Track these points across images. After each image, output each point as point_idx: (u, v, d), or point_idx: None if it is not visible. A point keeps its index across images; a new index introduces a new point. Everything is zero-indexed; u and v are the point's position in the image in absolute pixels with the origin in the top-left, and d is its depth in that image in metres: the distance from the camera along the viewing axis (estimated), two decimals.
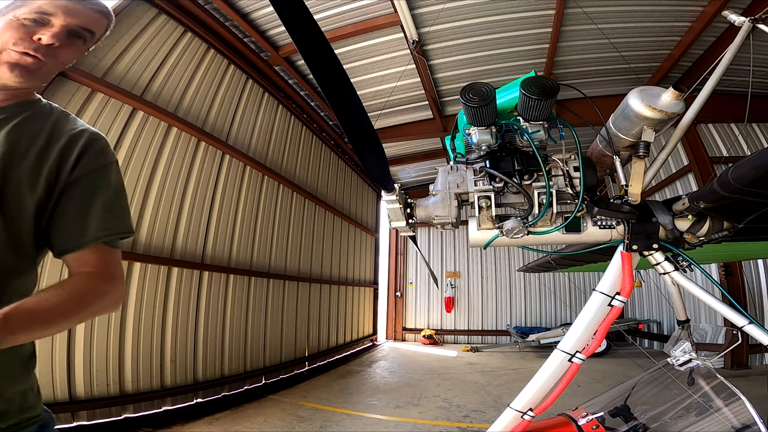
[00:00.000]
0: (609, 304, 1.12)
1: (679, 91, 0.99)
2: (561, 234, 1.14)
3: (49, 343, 3.30)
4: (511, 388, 5.95)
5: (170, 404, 4.19)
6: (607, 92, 7.13)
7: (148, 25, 4.33)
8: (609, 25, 5.59)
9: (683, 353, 1.30)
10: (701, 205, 0.98)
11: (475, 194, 1.14)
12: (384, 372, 7.38)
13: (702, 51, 6.11)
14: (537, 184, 1.12)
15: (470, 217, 1.21)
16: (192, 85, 4.85)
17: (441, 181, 1.19)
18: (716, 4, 5.00)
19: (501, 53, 6.30)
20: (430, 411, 4.77)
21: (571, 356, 1.12)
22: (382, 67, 6.42)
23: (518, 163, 1.13)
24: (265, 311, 5.98)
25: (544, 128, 1.15)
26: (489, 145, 1.17)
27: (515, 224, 1.12)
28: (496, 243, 1.18)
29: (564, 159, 1.15)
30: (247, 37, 5.59)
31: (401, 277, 12.35)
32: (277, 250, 6.42)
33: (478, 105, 1.07)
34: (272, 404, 4.88)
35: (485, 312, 11.49)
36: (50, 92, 3.41)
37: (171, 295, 4.43)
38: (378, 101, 6.90)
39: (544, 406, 1.16)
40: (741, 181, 0.82)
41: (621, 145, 1.15)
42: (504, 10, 5.43)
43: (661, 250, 1.12)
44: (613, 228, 1.13)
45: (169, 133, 4.50)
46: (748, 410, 1.14)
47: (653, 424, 1.30)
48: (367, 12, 5.37)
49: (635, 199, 1.12)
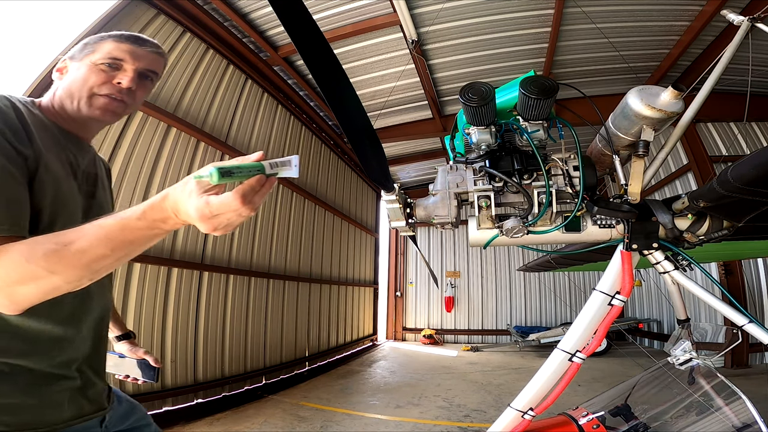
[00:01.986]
0: (609, 304, 1.12)
1: (679, 91, 0.99)
2: (561, 233, 1.14)
3: None
4: (512, 387, 5.95)
5: (171, 404, 4.19)
6: (606, 91, 7.14)
7: (147, 26, 4.32)
8: (608, 24, 5.59)
9: (683, 352, 1.30)
10: (701, 204, 0.98)
11: (474, 194, 1.14)
12: (384, 372, 7.38)
13: (701, 50, 6.12)
14: (537, 183, 1.12)
15: (470, 216, 1.21)
16: (191, 85, 4.85)
17: (440, 180, 1.19)
18: (715, 4, 5.00)
19: (500, 53, 6.30)
20: (430, 411, 4.77)
21: (572, 356, 1.12)
22: (381, 66, 6.42)
23: (518, 162, 1.13)
24: (265, 311, 5.98)
25: (544, 128, 1.14)
26: (488, 144, 1.17)
27: (515, 224, 1.12)
28: (496, 242, 1.18)
29: (563, 158, 1.15)
30: (246, 38, 5.58)
31: (401, 277, 12.35)
32: (277, 250, 6.42)
33: (478, 104, 1.07)
34: (273, 404, 4.88)
35: (485, 311, 11.50)
36: None
37: (171, 296, 4.43)
38: (377, 101, 6.90)
39: (544, 406, 1.16)
40: (740, 180, 0.82)
41: (620, 145, 1.15)
42: (503, 9, 5.43)
43: (661, 249, 1.12)
44: (612, 227, 1.13)
45: (169, 134, 4.50)
46: (748, 409, 1.14)
47: (654, 423, 1.30)
48: (366, 12, 5.37)
49: (635, 198, 1.12)
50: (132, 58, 0.99)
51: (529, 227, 1.14)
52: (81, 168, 0.99)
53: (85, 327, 0.97)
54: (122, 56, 0.98)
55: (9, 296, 0.70)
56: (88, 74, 0.96)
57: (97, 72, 0.97)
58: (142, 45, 1.02)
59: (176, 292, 4.48)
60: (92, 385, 1.00)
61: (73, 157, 0.97)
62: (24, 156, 0.79)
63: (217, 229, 0.67)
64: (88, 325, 0.99)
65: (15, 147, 0.78)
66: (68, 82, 0.98)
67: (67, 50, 1.04)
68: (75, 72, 0.98)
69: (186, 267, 4.57)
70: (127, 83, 0.98)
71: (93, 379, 1.00)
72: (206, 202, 0.63)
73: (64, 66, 1.02)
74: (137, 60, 1.00)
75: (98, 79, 0.96)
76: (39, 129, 0.88)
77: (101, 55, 0.97)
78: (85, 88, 0.96)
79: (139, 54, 1.01)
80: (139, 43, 1.02)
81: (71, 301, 0.91)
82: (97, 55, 0.97)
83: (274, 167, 0.67)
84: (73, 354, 0.94)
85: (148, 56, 1.03)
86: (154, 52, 1.04)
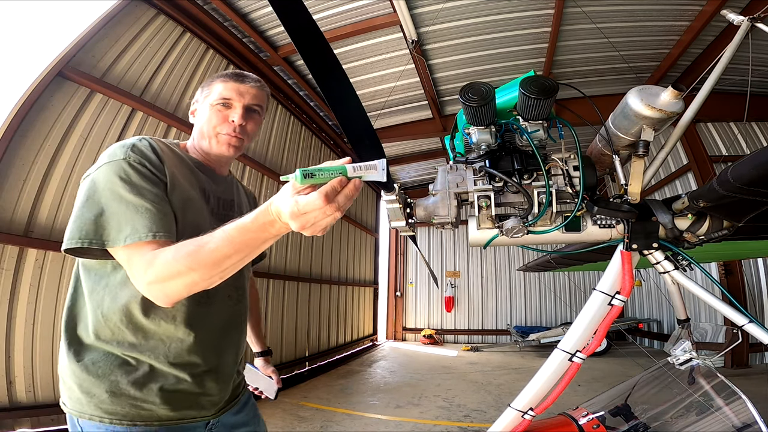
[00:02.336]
0: (609, 304, 1.12)
1: (678, 90, 0.99)
2: (561, 233, 1.14)
3: (49, 344, 3.30)
4: (512, 387, 5.95)
5: None
6: (606, 91, 7.14)
7: (146, 26, 4.32)
8: (608, 24, 5.59)
9: (683, 352, 1.30)
10: (701, 204, 0.98)
11: (474, 194, 1.14)
12: (384, 372, 7.37)
13: (701, 50, 6.11)
14: (537, 183, 1.11)
15: (470, 216, 1.21)
16: (191, 85, 4.84)
17: (440, 180, 1.19)
18: (715, 4, 5.00)
19: (500, 53, 6.30)
20: (430, 411, 4.77)
21: (572, 355, 1.12)
22: (381, 66, 6.42)
23: (518, 162, 1.13)
24: (265, 311, 5.98)
25: (544, 128, 1.14)
26: (488, 144, 1.17)
27: (515, 224, 1.11)
28: (496, 242, 1.17)
29: (563, 158, 1.15)
30: (246, 38, 5.58)
31: (401, 277, 12.35)
32: (277, 250, 6.42)
33: (478, 104, 1.06)
34: (273, 404, 4.87)
35: (485, 311, 11.49)
36: (50, 93, 3.41)
37: None
38: (377, 101, 6.90)
39: (544, 406, 1.16)
40: (740, 179, 0.82)
41: (620, 144, 1.15)
42: (503, 9, 5.43)
43: (661, 249, 1.12)
44: (612, 227, 1.13)
45: (169, 134, 4.51)
46: (748, 409, 1.14)
47: (654, 423, 1.30)
48: (366, 12, 5.37)
49: (635, 198, 1.12)
50: (238, 96, 1.15)
51: (529, 227, 1.13)
52: (214, 194, 1.18)
53: (205, 334, 1.07)
54: (230, 95, 1.14)
55: (163, 290, 0.87)
56: (210, 115, 1.15)
57: (215, 112, 1.15)
58: (244, 82, 1.17)
59: None
60: (204, 389, 1.07)
61: (208, 185, 1.16)
62: (164, 183, 1.00)
63: (305, 227, 0.74)
64: (208, 332, 1.09)
65: (157, 176, 0.99)
66: (199, 123, 1.18)
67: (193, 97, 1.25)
68: (201, 114, 1.18)
69: None
70: (238, 120, 1.14)
71: (206, 383, 1.08)
72: (295, 201, 0.72)
73: (194, 109, 1.22)
74: (242, 97, 1.15)
75: (218, 120, 1.14)
76: (176, 162, 1.08)
77: (215, 96, 1.15)
78: (211, 127, 1.15)
79: (242, 91, 1.16)
80: (241, 80, 1.17)
81: (193, 309, 1.05)
82: (212, 97, 1.15)
83: (357, 170, 0.73)
84: (189, 358, 1.04)
85: (250, 91, 1.17)
86: (255, 87, 1.18)
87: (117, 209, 0.91)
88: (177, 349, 1.02)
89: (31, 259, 3.23)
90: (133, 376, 0.98)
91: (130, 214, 0.90)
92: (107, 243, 0.90)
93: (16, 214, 3.18)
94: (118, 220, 0.90)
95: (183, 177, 1.07)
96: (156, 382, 1.00)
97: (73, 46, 3.59)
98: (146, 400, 0.98)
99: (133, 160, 0.96)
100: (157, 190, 0.96)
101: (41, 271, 3.29)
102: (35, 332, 3.22)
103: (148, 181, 0.96)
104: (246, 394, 1.33)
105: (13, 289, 3.13)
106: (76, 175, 3.58)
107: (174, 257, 0.84)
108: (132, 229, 0.89)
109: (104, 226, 0.90)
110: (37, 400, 3.14)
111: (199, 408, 1.07)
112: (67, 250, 0.92)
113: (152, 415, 0.99)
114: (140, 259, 0.88)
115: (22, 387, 3.09)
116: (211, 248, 0.81)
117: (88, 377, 0.98)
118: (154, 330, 1.00)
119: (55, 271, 3.38)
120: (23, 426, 3.03)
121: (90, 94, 3.73)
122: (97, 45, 3.81)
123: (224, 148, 1.16)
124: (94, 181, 0.95)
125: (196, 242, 0.84)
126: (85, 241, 0.89)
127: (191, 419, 1.06)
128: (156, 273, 0.86)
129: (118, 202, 0.91)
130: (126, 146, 0.99)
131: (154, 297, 0.89)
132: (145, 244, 0.89)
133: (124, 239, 0.89)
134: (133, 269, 0.90)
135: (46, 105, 3.40)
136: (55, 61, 3.45)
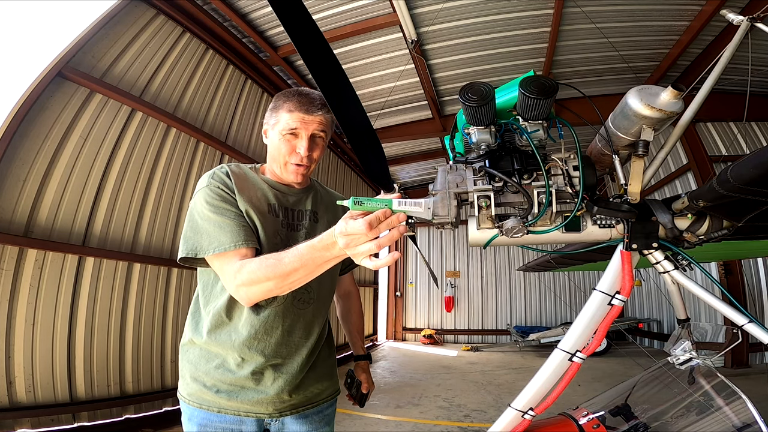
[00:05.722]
0: (609, 303, 1.12)
1: (678, 90, 0.99)
2: (561, 233, 1.13)
3: (49, 344, 3.30)
4: (512, 387, 5.95)
5: (171, 405, 4.19)
6: (605, 91, 7.14)
7: (146, 26, 4.32)
8: (608, 24, 5.59)
9: (683, 352, 1.30)
10: (700, 203, 0.98)
11: (474, 194, 1.13)
12: (384, 372, 7.37)
13: (700, 50, 6.11)
14: (536, 183, 1.11)
15: (470, 216, 1.21)
16: (191, 85, 4.84)
17: (440, 180, 1.18)
18: (714, 3, 5.00)
19: (500, 53, 6.30)
20: (430, 411, 4.77)
21: (572, 355, 1.12)
22: (381, 66, 6.42)
23: (517, 162, 1.13)
24: None
25: (544, 127, 1.14)
26: (488, 144, 1.17)
27: (515, 224, 1.11)
28: (496, 242, 1.17)
29: (563, 158, 1.15)
30: (246, 38, 5.58)
31: (401, 277, 12.35)
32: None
33: (477, 104, 1.06)
34: None
35: (485, 311, 11.50)
36: (49, 93, 3.41)
37: (171, 295, 4.43)
38: (377, 101, 6.90)
39: (544, 406, 1.16)
40: (740, 179, 0.82)
41: (620, 144, 1.15)
42: (503, 9, 5.43)
43: (661, 249, 1.12)
44: (612, 227, 1.13)
45: (168, 134, 4.50)
46: (748, 409, 1.14)
47: (654, 423, 1.30)
48: (366, 12, 5.37)
49: (634, 198, 1.12)
50: (303, 126, 1.21)
51: (529, 227, 1.13)
52: (284, 206, 1.29)
53: (266, 334, 1.20)
54: (296, 124, 1.20)
55: (246, 293, 1.05)
56: (279, 144, 1.23)
57: (284, 142, 1.23)
58: (309, 112, 1.21)
59: (176, 292, 4.48)
60: (260, 385, 1.19)
61: (278, 199, 1.28)
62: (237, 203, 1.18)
63: (348, 246, 0.84)
64: (269, 333, 1.21)
65: (233, 197, 1.18)
66: (270, 149, 1.28)
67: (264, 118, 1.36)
68: (272, 139, 1.27)
69: (187, 267, 4.57)
70: (304, 152, 1.22)
71: (264, 381, 1.20)
72: (346, 222, 0.83)
73: (266, 130, 1.31)
74: (307, 126, 1.21)
75: (286, 150, 1.23)
76: (245, 185, 1.23)
77: (283, 125, 1.22)
78: (280, 156, 1.24)
79: (307, 120, 1.21)
80: (306, 110, 1.20)
81: (257, 310, 1.19)
82: (281, 125, 1.22)
83: (402, 205, 0.83)
84: (250, 354, 1.18)
85: (314, 120, 1.22)
86: (320, 116, 1.22)
87: (206, 227, 1.13)
88: (239, 346, 1.18)
89: (31, 259, 3.23)
90: (207, 366, 1.20)
91: (216, 230, 1.11)
92: (200, 252, 1.12)
93: (16, 214, 3.18)
94: (208, 235, 1.12)
95: (252, 195, 1.23)
96: (222, 374, 1.18)
97: (72, 46, 3.59)
98: (211, 387, 1.18)
99: (214, 186, 1.17)
100: (235, 209, 1.16)
101: (41, 272, 3.29)
102: (35, 332, 3.22)
103: (227, 202, 1.16)
104: (329, 408, 1.40)
105: (13, 290, 3.13)
106: (75, 175, 3.58)
107: (257, 267, 1.02)
108: (218, 242, 1.10)
109: (199, 240, 1.13)
110: (37, 400, 3.14)
111: (253, 404, 1.19)
112: (180, 260, 1.16)
113: (213, 402, 1.18)
114: (230, 266, 1.07)
115: (22, 387, 3.09)
116: (285, 262, 0.96)
117: (187, 364, 1.25)
118: (228, 328, 1.19)
119: (55, 272, 3.39)
120: (23, 426, 3.04)
121: (90, 95, 3.73)
122: (96, 45, 3.81)
123: (292, 177, 1.27)
124: (192, 205, 1.19)
125: (276, 256, 1.00)
126: (190, 252, 1.13)
127: (245, 413, 1.19)
128: (243, 278, 1.04)
129: (206, 221, 1.13)
130: (209, 175, 1.21)
131: (240, 297, 1.08)
132: (231, 252, 1.09)
133: (213, 249, 1.10)
134: (225, 274, 1.10)
135: (45, 105, 3.40)
136: (55, 61, 3.45)
